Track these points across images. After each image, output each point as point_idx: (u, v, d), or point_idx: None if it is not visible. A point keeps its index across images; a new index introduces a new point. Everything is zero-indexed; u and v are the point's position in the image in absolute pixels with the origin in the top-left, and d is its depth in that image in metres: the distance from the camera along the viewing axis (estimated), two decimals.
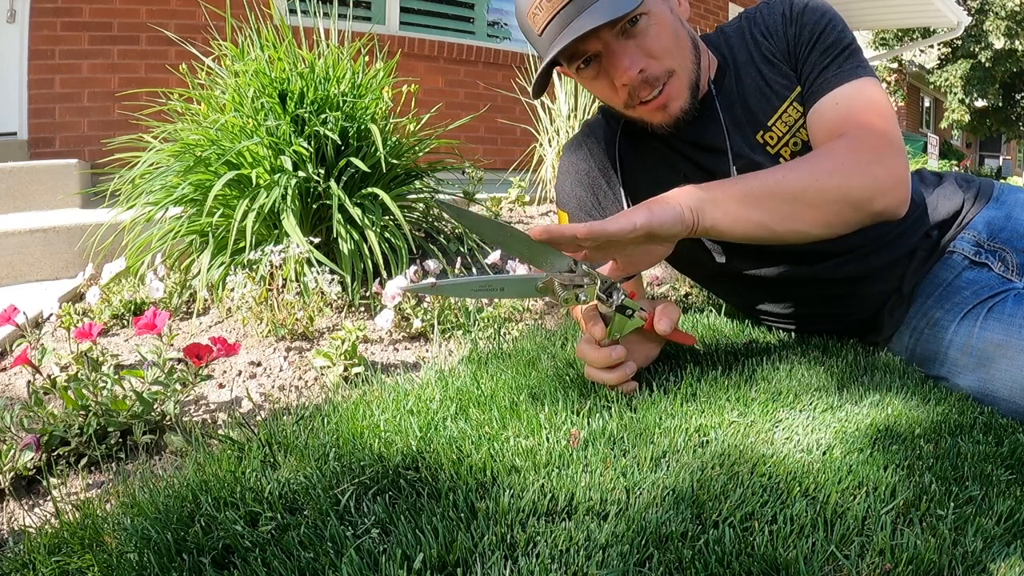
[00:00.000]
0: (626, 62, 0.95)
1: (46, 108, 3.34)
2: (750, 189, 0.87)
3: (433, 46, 4.49)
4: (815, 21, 1.02)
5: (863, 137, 0.93)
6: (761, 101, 1.05)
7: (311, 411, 0.94)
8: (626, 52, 0.95)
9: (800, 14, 1.03)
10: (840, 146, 0.92)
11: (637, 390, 0.93)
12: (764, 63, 1.06)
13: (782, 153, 1.06)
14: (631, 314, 0.89)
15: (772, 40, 1.06)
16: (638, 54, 0.95)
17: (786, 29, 1.04)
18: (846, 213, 0.90)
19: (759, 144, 1.06)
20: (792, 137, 1.05)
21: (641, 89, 0.98)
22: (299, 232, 1.63)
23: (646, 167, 1.15)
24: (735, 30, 1.11)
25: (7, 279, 2.08)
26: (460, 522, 0.61)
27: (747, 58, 1.08)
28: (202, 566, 0.59)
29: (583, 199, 1.19)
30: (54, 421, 1.01)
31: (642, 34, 0.95)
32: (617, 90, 0.99)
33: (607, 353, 0.89)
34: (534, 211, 2.77)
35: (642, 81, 0.97)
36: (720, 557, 0.56)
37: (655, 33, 0.96)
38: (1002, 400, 0.91)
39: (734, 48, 1.09)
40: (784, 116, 1.05)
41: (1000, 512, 0.63)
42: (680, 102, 1.01)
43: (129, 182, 1.90)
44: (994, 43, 15.77)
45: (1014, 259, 1.05)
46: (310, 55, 1.87)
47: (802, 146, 1.05)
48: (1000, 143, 22.92)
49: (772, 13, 1.07)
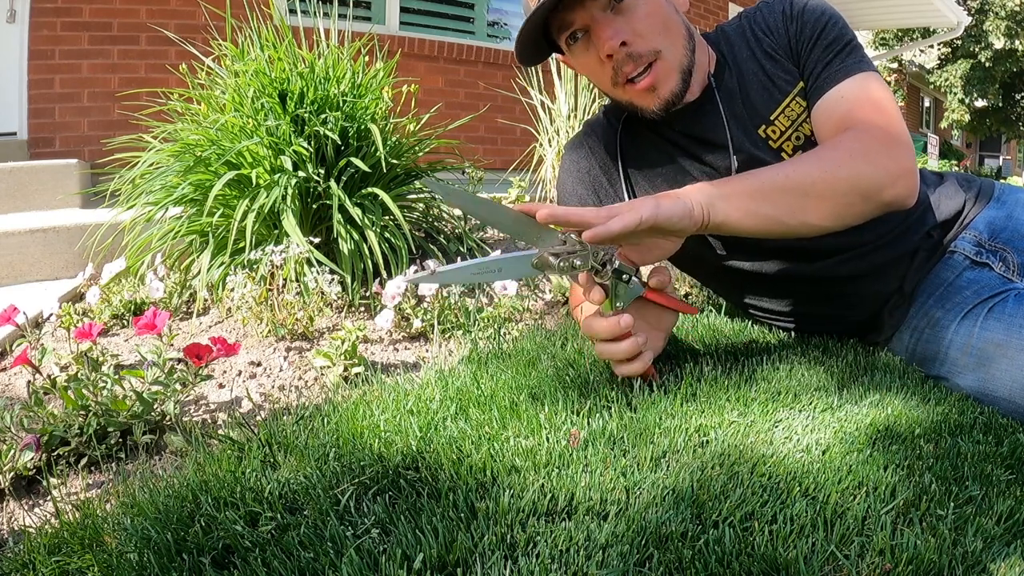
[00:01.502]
0: (608, 32, 0.96)
1: (46, 108, 3.34)
2: (761, 184, 0.87)
3: (433, 46, 4.49)
4: (815, 18, 1.03)
5: (870, 130, 0.93)
6: (763, 96, 1.06)
7: (311, 411, 0.94)
8: (610, 24, 0.96)
9: (800, 12, 1.04)
10: (847, 138, 0.93)
11: (656, 375, 0.93)
12: (766, 59, 1.07)
13: (784, 147, 1.06)
14: (628, 279, 0.88)
15: (773, 37, 1.06)
16: (623, 27, 0.97)
17: (787, 26, 1.05)
18: (857, 204, 0.90)
19: (761, 138, 1.06)
20: (795, 131, 1.05)
21: (625, 64, 0.98)
22: (299, 232, 1.63)
23: (648, 164, 1.15)
24: (735, 28, 1.12)
25: (7, 279, 2.08)
26: (460, 522, 0.61)
27: (748, 54, 1.08)
28: (202, 566, 0.59)
29: (584, 197, 1.19)
30: (54, 421, 1.01)
31: (630, 11, 0.97)
32: (603, 65, 1.00)
33: (614, 321, 0.86)
34: None
35: (626, 55, 0.98)
36: (720, 557, 0.56)
37: (644, 12, 0.97)
38: (1002, 400, 0.91)
39: (734, 45, 1.10)
40: (787, 110, 1.05)
41: (1000, 512, 0.63)
42: (670, 85, 1.01)
43: (129, 182, 1.90)
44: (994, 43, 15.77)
45: (1015, 259, 1.05)
46: (310, 55, 1.87)
47: (804, 140, 1.05)
48: (1000, 143, 22.92)
49: (772, 11, 1.07)
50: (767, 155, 1.06)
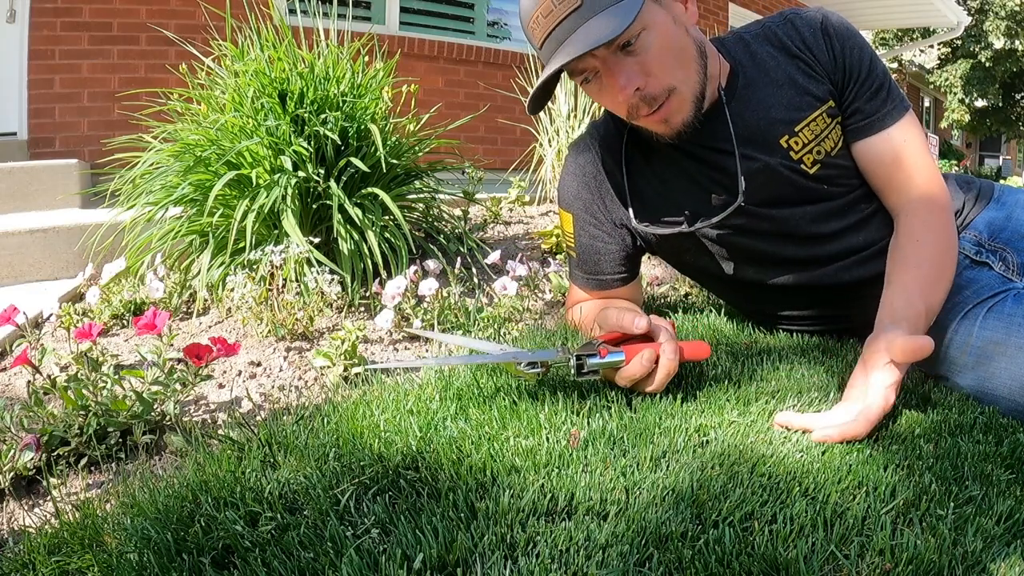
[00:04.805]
0: (622, 81, 0.94)
1: (46, 108, 3.34)
2: (929, 310, 0.93)
3: (433, 46, 4.49)
4: (857, 53, 1.05)
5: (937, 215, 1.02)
6: (790, 107, 1.05)
7: (311, 411, 0.94)
8: (623, 70, 0.94)
9: (843, 37, 1.05)
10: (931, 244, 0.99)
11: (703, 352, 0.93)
12: (799, 72, 1.06)
13: (804, 159, 1.06)
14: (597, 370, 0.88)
15: (811, 53, 1.06)
16: (635, 72, 0.94)
17: (830, 47, 1.05)
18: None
19: (781, 147, 1.06)
20: (816, 146, 1.06)
21: (640, 107, 0.98)
22: (299, 232, 1.63)
23: (653, 170, 1.15)
24: (757, 36, 1.11)
25: (7, 279, 2.08)
26: (460, 522, 0.61)
27: (775, 64, 1.07)
28: (202, 566, 0.59)
29: (588, 201, 1.19)
30: (54, 421, 1.01)
31: (642, 50, 0.94)
32: (619, 104, 0.99)
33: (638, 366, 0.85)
34: (534, 211, 2.77)
35: (640, 99, 0.97)
36: (720, 557, 0.56)
37: (657, 49, 0.94)
38: (1002, 399, 0.91)
39: (756, 54, 1.09)
40: (812, 124, 1.05)
41: (1000, 512, 0.63)
42: (682, 116, 1.00)
43: (129, 182, 1.90)
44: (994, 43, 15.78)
45: (1015, 259, 1.05)
46: (310, 55, 1.87)
47: (824, 155, 1.06)
48: (1000, 143, 22.93)
49: (808, 27, 1.07)
50: (781, 163, 1.06)
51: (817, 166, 1.06)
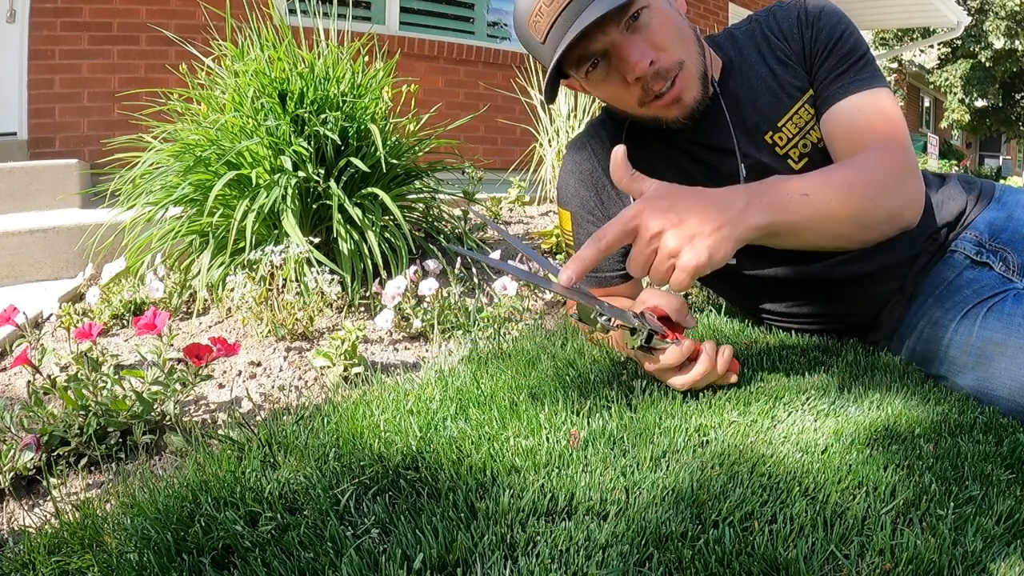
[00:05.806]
0: (636, 55, 0.95)
1: (46, 108, 3.34)
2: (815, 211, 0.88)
3: (433, 46, 4.49)
4: (832, 26, 1.03)
5: (893, 152, 0.95)
6: (772, 101, 1.06)
7: (311, 411, 0.94)
8: (634, 45, 0.95)
9: (816, 18, 1.04)
10: (873, 160, 0.94)
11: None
12: (777, 64, 1.06)
13: (790, 154, 1.06)
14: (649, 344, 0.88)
15: (787, 42, 1.06)
16: (646, 46, 0.95)
17: (802, 32, 1.05)
18: (883, 228, 0.96)
19: (766, 144, 1.06)
20: (802, 139, 1.06)
21: (654, 82, 0.98)
22: (299, 232, 1.63)
23: (652, 168, 1.14)
24: (745, 32, 1.12)
25: (7, 279, 2.08)
26: (460, 522, 0.61)
27: (758, 58, 1.08)
28: (202, 566, 0.59)
29: (586, 199, 1.19)
30: (54, 421, 1.01)
31: (646, 27, 0.95)
32: (630, 87, 0.99)
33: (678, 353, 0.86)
34: (534, 211, 2.78)
35: (654, 73, 0.97)
36: (720, 557, 0.56)
37: (659, 25, 0.96)
38: (1002, 399, 0.91)
39: (743, 49, 1.09)
40: (795, 117, 1.05)
41: (1000, 512, 0.63)
42: (693, 92, 1.01)
43: (129, 182, 1.90)
44: (994, 43, 15.79)
45: (1015, 259, 1.05)
46: (310, 55, 1.87)
47: (811, 148, 1.06)
48: (1000, 143, 22.93)
49: (787, 16, 1.07)
50: (772, 160, 1.06)
51: (804, 160, 1.06)
